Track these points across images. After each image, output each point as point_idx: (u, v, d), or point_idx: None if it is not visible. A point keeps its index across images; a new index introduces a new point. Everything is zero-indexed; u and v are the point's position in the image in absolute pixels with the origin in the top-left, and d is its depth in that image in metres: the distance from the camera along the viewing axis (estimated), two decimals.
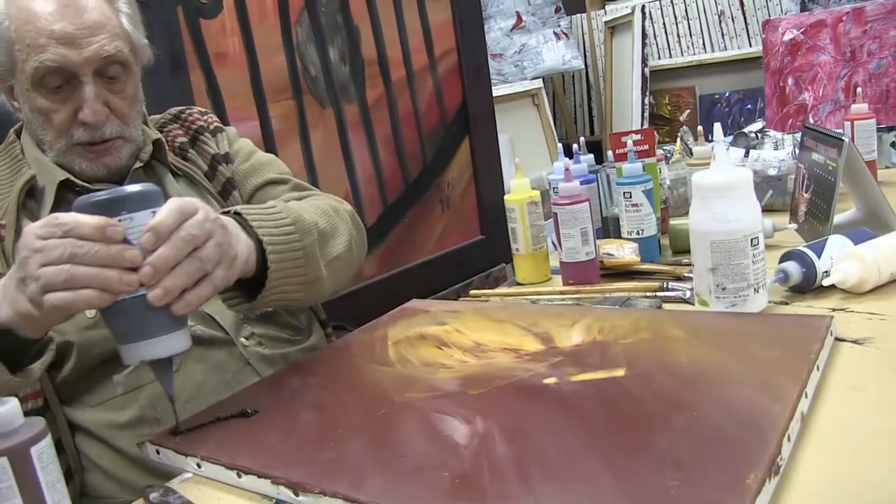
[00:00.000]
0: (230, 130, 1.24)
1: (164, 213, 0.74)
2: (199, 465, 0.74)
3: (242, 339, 1.03)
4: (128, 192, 0.75)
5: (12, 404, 0.59)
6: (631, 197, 1.26)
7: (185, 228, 0.74)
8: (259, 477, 0.68)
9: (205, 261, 0.76)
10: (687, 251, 1.00)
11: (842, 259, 0.98)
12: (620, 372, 0.77)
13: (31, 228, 0.73)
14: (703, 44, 3.96)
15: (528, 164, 3.18)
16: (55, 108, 1.00)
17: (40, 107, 1.00)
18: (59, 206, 1.01)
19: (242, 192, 1.17)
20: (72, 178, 1.03)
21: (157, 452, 0.79)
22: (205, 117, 1.22)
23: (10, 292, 0.76)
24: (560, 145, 1.73)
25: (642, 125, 3.78)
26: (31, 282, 0.72)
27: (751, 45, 3.79)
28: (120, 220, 0.73)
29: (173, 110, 1.21)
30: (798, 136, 1.50)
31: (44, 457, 0.59)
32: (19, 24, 0.97)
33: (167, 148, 1.12)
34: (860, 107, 1.66)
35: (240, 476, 0.70)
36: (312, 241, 0.95)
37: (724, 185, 0.91)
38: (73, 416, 0.99)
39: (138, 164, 1.07)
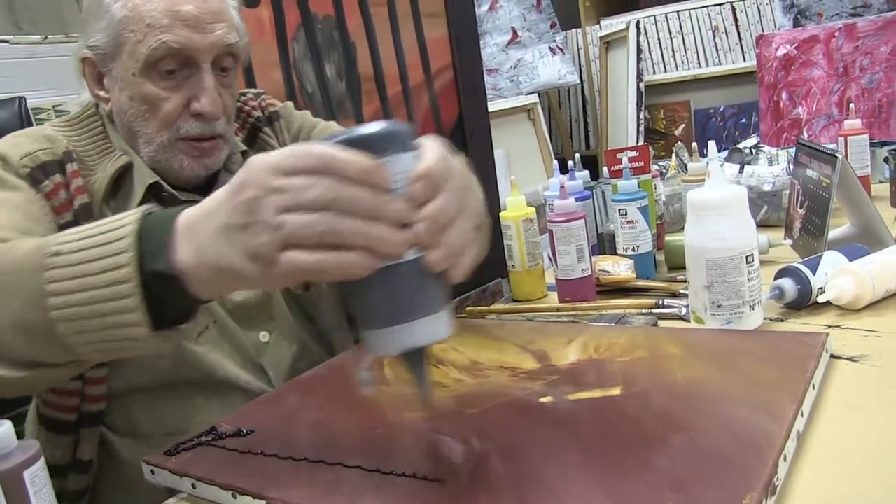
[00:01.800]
0: (285, 110, 1.17)
1: (434, 156, 0.57)
2: (194, 486, 0.74)
3: None
4: (395, 128, 0.57)
5: (6, 427, 0.59)
6: (626, 214, 1.26)
7: (455, 177, 0.58)
8: (255, 498, 0.68)
9: (474, 217, 0.60)
10: (683, 267, 1.00)
11: (837, 275, 0.99)
12: (617, 391, 0.77)
13: (265, 159, 0.56)
14: (698, 58, 3.97)
15: (524, 178, 3.19)
16: (165, 96, 0.93)
17: (147, 94, 0.93)
18: None
19: None
20: (161, 181, 0.96)
21: (153, 472, 0.79)
22: (259, 99, 1.15)
23: (206, 236, 0.59)
24: (556, 160, 1.74)
25: (638, 140, 3.79)
26: (262, 231, 0.55)
27: (745, 60, 3.80)
28: (379, 163, 0.55)
29: None
30: (792, 151, 1.51)
31: (37, 480, 0.58)
32: (138, 4, 0.91)
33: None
34: (853, 122, 1.67)
35: (235, 497, 0.70)
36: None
37: (719, 203, 0.92)
38: (110, 437, 0.95)
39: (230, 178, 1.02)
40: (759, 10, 3.74)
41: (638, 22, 3.92)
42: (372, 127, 0.56)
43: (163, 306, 0.62)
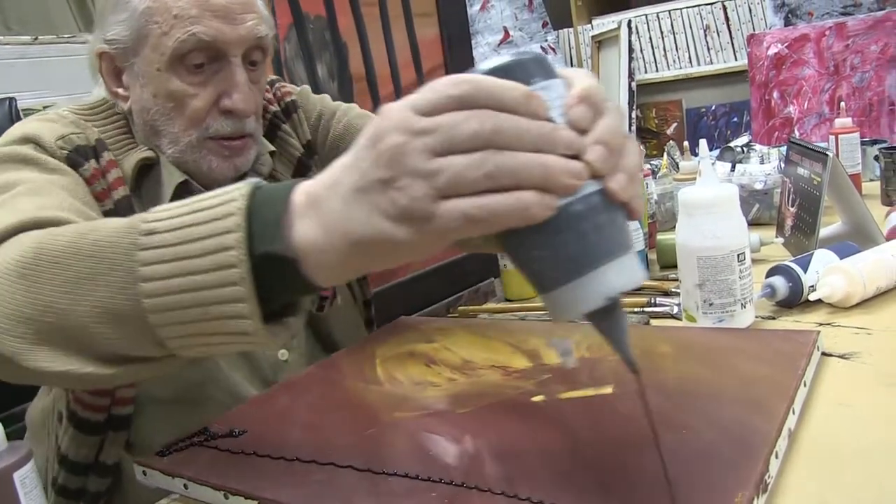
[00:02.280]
0: (302, 97, 1.09)
1: (587, 78, 0.50)
2: (185, 487, 0.74)
3: None
4: (538, 55, 0.50)
5: None
6: None
7: (611, 100, 0.50)
8: (247, 498, 0.68)
9: (634, 141, 0.52)
10: (674, 265, 1.01)
11: (828, 273, 0.99)
12: (609, 389, 0.77)
13: (401, 102, 0.47)
14: (690, 58, 3.98)
15: None
16: (193, 92, 0.88)
17: (174, 90, 0.87)
18: None
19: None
20: (191, 180, 0.91)
21: (144, 473, 0.78)
22: (274, 88, 1.08)
23: (336, 205, 0.49)
24: None
25: None
26: (412, 182, 0.46)
27: (736, 59, 3.81)
28: (533, 90, 0.47)
29: None
30: (784, 149, 1.51)
31: (27, 482, 0.58)
32: None
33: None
34: (844, 121, 1.68)
35: (227, 497, 0.69)
36: None
37: (711, 202, 0.92)
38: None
39: (260, 181, 0.98)
40: (750, 10, 3.75)
41: (629, 21, 3.92)
42: (513, 55, 0.49)
43: (271, 296, 0.54)
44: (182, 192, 0.91)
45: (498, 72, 0.47)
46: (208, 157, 0.91)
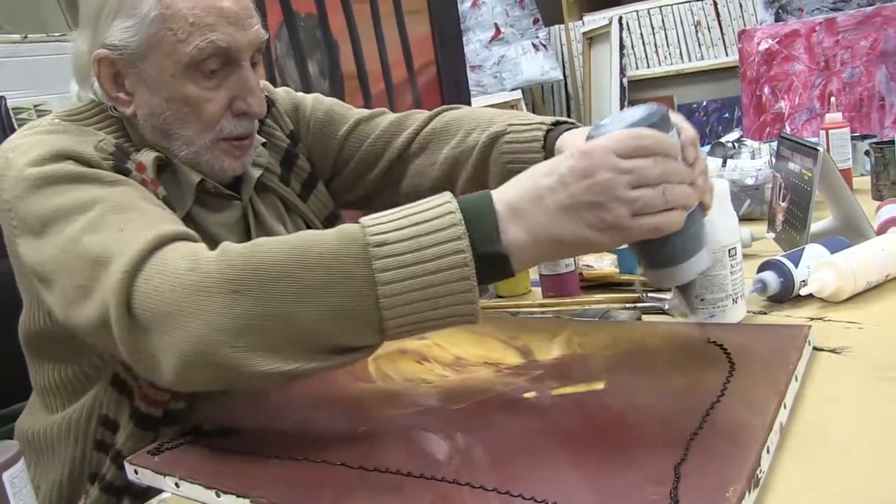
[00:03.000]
0: (268, 90, 1.13)
1: (687, 125, 0.75)
2: (177, 485, 0.73)
3: None
4: (665, 109, 0.73)
5: None
6: None
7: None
8: (239, 496, 0.68)
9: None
10: None
11: (819, 268, 0.99)
12: (600, 385, 0.77)
13: (604, 147, 0.67)
14: (681, 54, 3.99)
15: None
16: (208, 97, 0.90)
17: (189, 95, 0.89)
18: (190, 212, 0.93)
19: (328, 148, 1.12)
20: (207, 179, 0.94)
21: (136, 472, 0.78)
22: None
23: (543, 217, 0.67)
24: None
25: None
26: (618, 206, 0.66)
27: (727, 55, 3.82)
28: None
29: None
30: (775, 145, 1.52)
31: (16, 482, 0.58)
32: (175, 2, 0.86)
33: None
34: (835, 116, 1.68)
35: (219, 496, 0.69)
36: None
37: None
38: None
39: (259, 172, 1.02)
40: (740, 5, 3.76)
41: (620, 17, 3.92)
42: (656, 113, 0.70)
43: (482, 283, 0.68)
44: (200, 189, 0.95)
45: (657, 124, 0.69)
46: (221, 157, 0.94)
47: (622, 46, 3.90)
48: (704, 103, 3.92)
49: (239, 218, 1.02)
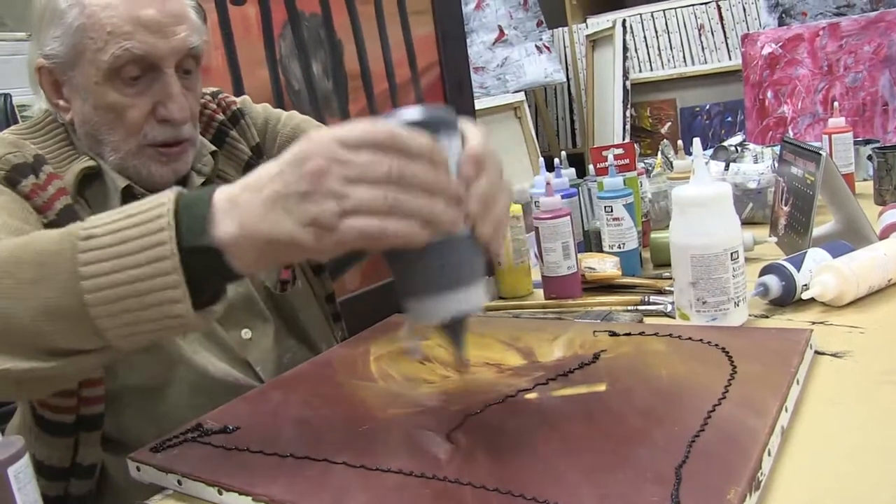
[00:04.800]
0: (246, 105, 1.14)
1: (479, 139, 0.63)
2: (179, 482, 0.74)
3: None
4: (446, 113, 0.62)
5: None
6: (612, 211, 1.26)
7: (494, 157, 0.64)
8: (241, 494, 0.68)
9: (508, 192, 0.66)
10: (668, 264, 1.01)
11: (821, 272, 0.99)
12: (602, 387, 0.77)
13: (331, 133, 0.59)
14: (684, 57, 3.99)
15: (511, 176, 3.18)
16: (130, 103, 0.91)
17: (112, 102, 0.90)
18: None
19: None
20: (133, 185, 0.95)
21: (138, 469, 0.78)
22: (217, 99, 1.11)
23: (256, 208, 0.60)
24: (542, 159, 1.74)
25: (624, 138, 3.80)
26: (325, 199, 0.57)
27: (730, 59, 3.82)
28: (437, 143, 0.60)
29: None
30: (777, 149, 1.52)
31: (21, 476, 0.58)
32: (96, 10, 0.88)
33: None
34: (837, 120, 1.68)
35: (221, 493, 0.69)
36: None
37: (704, 200, 0.92)
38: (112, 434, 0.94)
39: (201, 180, 1.01)
40: (744, 9, 3.76)
41: (624, 20, 3.93)
42: (424, 110, 0.60)
43: (199, 285, 0.63)
44: (127, 196, 0.94)
45: (413, 124, 0.59)
46: (147, 163, 0.95)
47: (625, 49, 3.90)
48: (707, 107, 3.92)
49: None
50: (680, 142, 1.56)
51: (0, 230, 0.81)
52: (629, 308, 1.10)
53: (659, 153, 1.75)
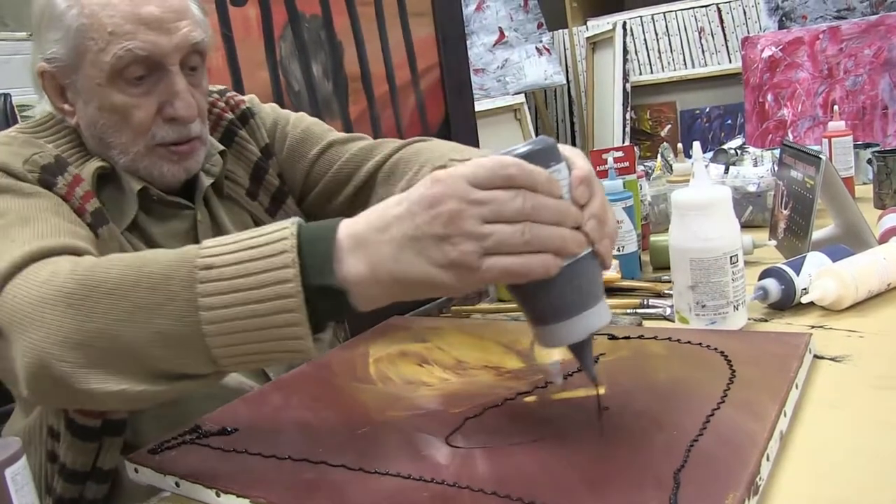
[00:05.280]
0: (254, 105, 1.13)
1: (584, 163, 0.64)
2: (177, 484, 0.74)
3: None
4: (552, 142, 0.64)
5: None
6: None
7: (597, 178, 0.65)
8: (238, 496, 0.68)
9: (612, 208, 0.68)
10: (668, 267, 1.01)
11: (820, 276, 0.99)
12: (601, 390, 0.77)
13: (460, 174, 0.59)
14: (684, 60, 3.99)
15: None
16: (136, 103, 0.89)
17: (116, 104, 0.89)
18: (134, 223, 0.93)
19: (299, 166, 1.10)
20: (149, 186, 0.94)
21: (136, 471, 0.78)
22: (225, 97, 1.10)
23: (386, 249, 0.60)
24: None
25: (624, 140, 3.80)
26: (465, 241, 0.58)
27: (730, 62, 3.82)
28: (551, 173, 0.62)
29: None
30: (777, 152, 1.52)
31: (18, 478, 0.58)
32: (96, 10, 0.86)
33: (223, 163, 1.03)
34: (837, 124, 1.68)
35: (219, 495, 0.69)
36: None
37: (704, 204, 0.92)
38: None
39: (210, 181, 1.00)
40: (744, 12, 3.76)
41: (624, 23, 3.92)
42: (534, 143, 0.62)
43: (318, 317, 0.63)
44: (144, 198, 0.94)
45: (530, 157, 0.60)
46: (158, 163, 0.93)
47: (625, 52, 3.90)
48: (707, 110, 3.92)
49: (189, 227, 1.00)
50: (680, 145, 1.56)
51: (64, 234, 0.80)
52: (628, 311, 1.10)
53: (659, 156, 1.76)
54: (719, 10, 3.82)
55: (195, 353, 0.64)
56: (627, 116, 3.88)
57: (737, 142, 1.82)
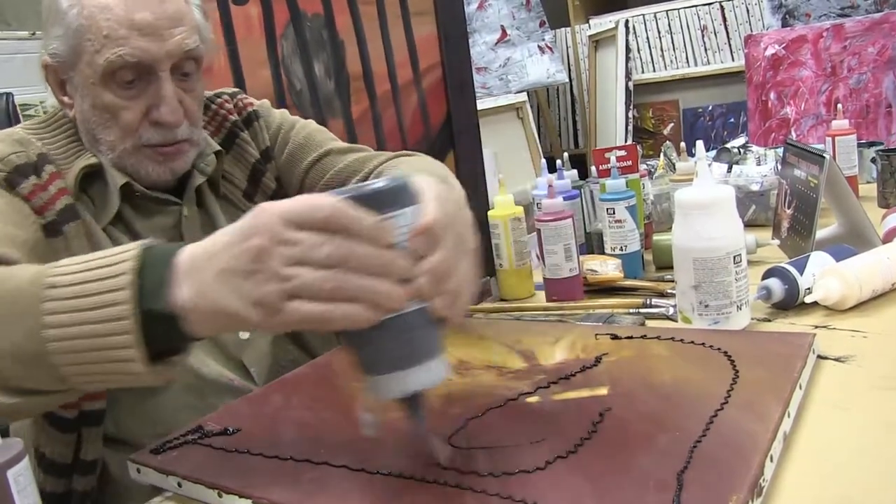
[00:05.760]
0: (263, 108, 1.15)
1: (434, 209, 0.60)
2: (179, 485, 0.73)
3: None
4: (397, 185, 0.60)
5: None
6: (614, 213, 1.26)
7: (453, 226, 0.62)
8: (240, 497, 0.68)
9: (471, 255, 0.64)
10: (670, 266, 1.00)
11: (824, 276, 0.99)
12: (603, 391, 0.77)
13: (277, 209, 0.58)
14: (687, 58, 3.98)
15: (513, 177, 3.19)
16: (125, 105, 0.92)
17: (107, 103, 0.92)
18: (117, 213, 0.95)
19: (296, 171, 1.11)
20: (132, 181, 0.96)
21: (138, 471, 0.78)
22: (235, 100, 1.12)
23: (208, 278, 0.59)
24: (544, 160, 1.74)
25: (626, 139, 3.80)
26: (268, 280, 0.57)
27: (733, 60, 3.81)
28: (384, 219, 0.58)
29: None
30: (780, 151, 1.51)
31: (21, 479, 0.58)
32: (94, 12, 0.88)
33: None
34: (841, 122, 1.68)
35: (221, 496, 0.69)
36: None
37: (707, 203, 0.92)
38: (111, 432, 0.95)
39: (202, 180, 1.02)
40: (747, 10, 3.76)
41: (627, 21, 3.92)
42: (376, 184, 0.59)
43: (158, 341, 0.63)
44: (127, 192, 0.96)
45: (362, 200, 0.58)
46: (144, 162, 0.96)
47: (628, 50, 3.90)
48: (710, 108, 3.92)
49: (174, 223, 1.02)
50: (682, 143, 1.55)
51: None
52: (631, 311, 1.10)
53: (661, 155, 1.75)
54: (722, 8, 3.82)
55: (44, 370, 0.64)
56: (630, 115, 3.87)
57: (740, 140, 1.81)
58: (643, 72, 4.10)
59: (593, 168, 1.48)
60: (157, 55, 0.90)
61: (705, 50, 3.93)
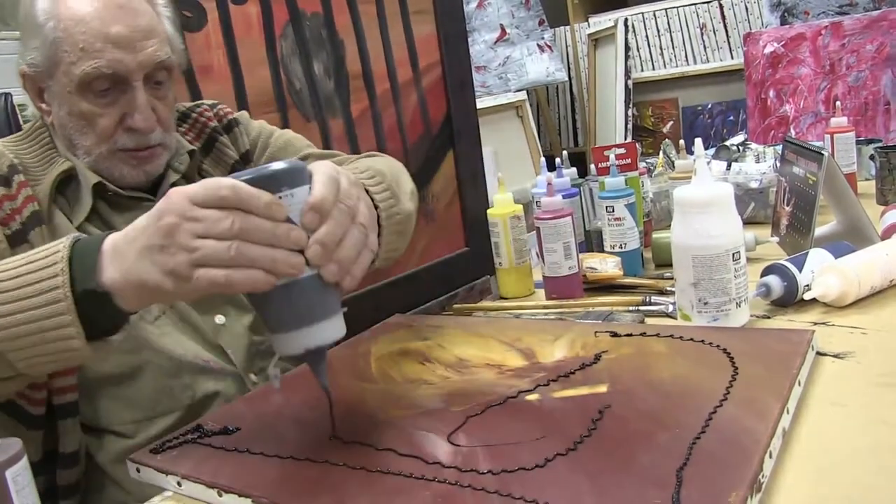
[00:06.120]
0: (243, 117, 1.21)
1: (322, 187, 0.69)
2: (179, 484, 0.74)
3: (252, 375, 1.02)
4: (289, 167, 0.69)
5: None
6: (613, 211, 1.26)
7: (342, 200, 0.70)
8: (240, 496, 0.68)
9: (367, 227, 0.72)
10: (670, 264, 1.01)
11: (823, 273, 0.99)
12: (603, 388, 0.77)
13: (183, 192, 0.66)
14: (686, 56, 3.98)
15: (512, 175, 3.19)
16: (101, 112, 0.95)
17: (83, 111, 0.95)
18: (93, 212, 0.99)
19: None
20: (105, 182, 0.99)
21: (138, 471, 0.78)
22: (215, 110, 1.17)
23: (131, 257, 0.68)
24: (543, 158, 1.74)
25: (626, 137, 3.80)
26: (178, 252, 0.66)
27: (732, 58, 3.81)
28: (281, 197, 0.67)
29: (181, 107, 1.13)
30: (779, 148, 1.51)
31: (19, 479, 0.58)
32: (70, 25, 0.92)
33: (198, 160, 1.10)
34: (840, 120, 1.68)
35: (221, 495, 0.69)
36: (393, 180, 0.99)
37: (706, 201, 0.92)
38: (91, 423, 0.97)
39: (176, 177, 1.05)
40: (746, 8, 3.75)
41: (626, 19, 3.92)
42: (272, 166, 0.69)
43: (95, 320, 0.71)
44: (100, 190, 1.00)
45: (258, 181, 0.66)
46: (119, 165, 0.99)
47: (627, 48, 3.90)
48: (709, 106, 3.92)
49: None
50: (682, 141, 1.55)
51: None
52: (630, 308, 1.10)
53: (661, 153, 1.75)
54: (721, 7, 3.81)
55: None
56: (629, 113, 3.87)
57: (739, 138, 1.81)
58: (642, 70, 4.10)
59: (593, 166, 1.48)
60: (131, 66, 0.94)
61: (704, 48, 3.93)
